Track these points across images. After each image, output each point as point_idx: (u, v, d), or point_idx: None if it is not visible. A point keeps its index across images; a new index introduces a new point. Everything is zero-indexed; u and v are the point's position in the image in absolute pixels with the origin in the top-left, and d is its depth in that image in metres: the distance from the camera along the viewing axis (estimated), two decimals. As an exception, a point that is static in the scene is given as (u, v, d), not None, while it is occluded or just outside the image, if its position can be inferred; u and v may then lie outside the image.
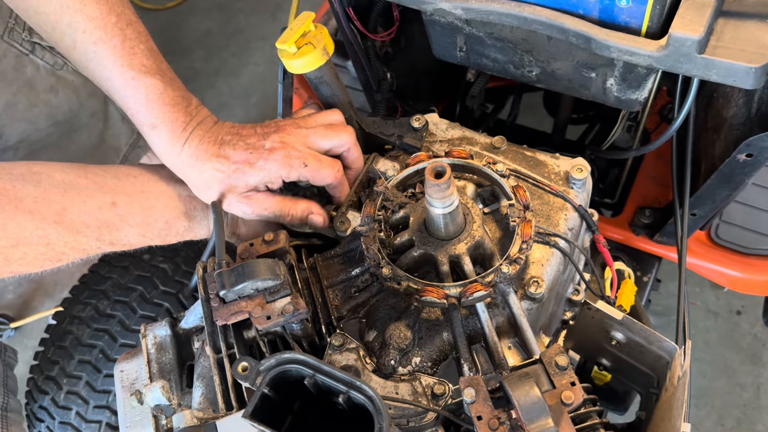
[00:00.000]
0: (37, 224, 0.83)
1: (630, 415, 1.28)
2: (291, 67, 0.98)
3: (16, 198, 0.83)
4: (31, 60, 1.28)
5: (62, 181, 0.88)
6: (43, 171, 0.87)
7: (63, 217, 0.85)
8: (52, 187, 0.86)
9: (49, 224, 0.84)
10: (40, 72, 1.29)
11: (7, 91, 1.25)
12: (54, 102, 1.33)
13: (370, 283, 0.93)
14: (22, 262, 0.84)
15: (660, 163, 1.54)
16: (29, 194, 0.84)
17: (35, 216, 0.83)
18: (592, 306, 1.04)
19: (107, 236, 0.90)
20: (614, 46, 0.85)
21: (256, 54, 2.79)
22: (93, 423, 1.44)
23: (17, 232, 0.82)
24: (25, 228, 0.83)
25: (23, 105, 1.28)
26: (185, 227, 0.98)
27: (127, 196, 0.92)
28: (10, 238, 0.82)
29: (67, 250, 0.87)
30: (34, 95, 1.29)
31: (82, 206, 0.88)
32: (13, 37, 1.24)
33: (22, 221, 0.82)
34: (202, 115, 0.96)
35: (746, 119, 1.11)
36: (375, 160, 1.05)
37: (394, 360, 0.86)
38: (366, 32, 1.19)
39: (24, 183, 0.84)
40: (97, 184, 0.90)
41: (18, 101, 1.27)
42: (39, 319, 2.28)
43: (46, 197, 0.85)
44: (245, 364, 0.71)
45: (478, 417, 0.72)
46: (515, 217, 0.88)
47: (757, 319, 2.04)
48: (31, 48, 1.28)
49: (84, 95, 1.37)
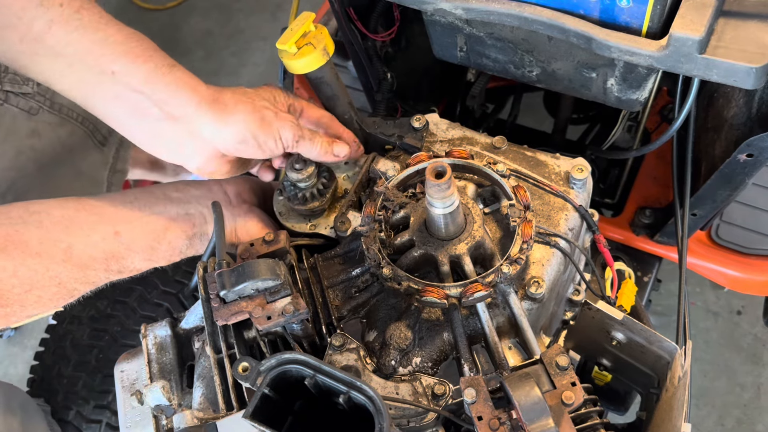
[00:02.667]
0: (47, 266, 0.83)
1: (630, 416, 1.28)
2: (291, 67, 0.98)
3: (22, 242, 0.82)
4: (6, 109, 1.27)
5: (62, 216, 0.87)
6: (42, 210, 0.87)
7: (70, 254, 0.85)
8: (54, 225, 0.86)
9: (58, 264, 0.84)
10: (17, 120, 1.28)
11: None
12: (38, 146, 1.32)
13: (371, 283, 0.93)
14: (38, 305, 0.84)
15: (660, 163, 1.54)
16: (33, 236, 0.83)
17: (44, 258, 0.83)
18: (593, 306, 1.04)
19: (114, 266, 0.90)
20: (615, 46, 0.85)
21: (256, 54, 2.79)
22: (93, 423, 1.44)
23: (29, 277, 0.82)
24: (36, 272, 0.83)
25: (11, 154, 1.27)
26: (187, 245, 0.98)
27: (129, 223, 0.92)
28: (24, 284, 0.82)
29: (78, 286, 0.87)
30: (19, 141, 1.28)
31: (86, 240, 0.87)
32: None
33: (32, 265, 0.82)
34: None
35: (747, 119, 1.11)
36: (375, 160, 1.05)
37: (395, 360, 0.86)
38: (366, 32, 1.19)
39: (26, 226, 0.84)
40: (97, 216, 0.90)
41: (5, 150, 1.26)
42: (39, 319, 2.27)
43: (51, 237, 0.85)
44: (246, 364, 0.71)
45: (479, 417, 0.72)
46: (516, 217, 0.88)
47: (757, 319, 2.04)
48: (5, 97, 1.26)
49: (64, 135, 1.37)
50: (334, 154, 0.99)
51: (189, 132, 0.89)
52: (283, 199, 1.04)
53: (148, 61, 0.86)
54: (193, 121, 0.88)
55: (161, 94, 0.86)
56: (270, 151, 0.93)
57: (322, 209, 1.02)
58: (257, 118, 0.90)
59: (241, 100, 0.90)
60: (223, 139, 0.90)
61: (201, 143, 0.90)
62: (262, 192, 1.13)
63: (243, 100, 0.90)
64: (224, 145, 0.91)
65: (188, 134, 0.89)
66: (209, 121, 0.88)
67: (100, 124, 1.45)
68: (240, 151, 0.92)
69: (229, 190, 1.07)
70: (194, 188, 1.03)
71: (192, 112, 0.87)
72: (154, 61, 0.86)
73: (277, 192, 1.06)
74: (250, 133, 0.90)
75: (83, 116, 1.41)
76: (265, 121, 0.91)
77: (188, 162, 0.93)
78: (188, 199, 1.01)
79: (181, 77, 0.87)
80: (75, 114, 1.39)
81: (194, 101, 0.87)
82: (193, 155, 0.91)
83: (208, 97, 0.88)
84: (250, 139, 0.91)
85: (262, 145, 0.92)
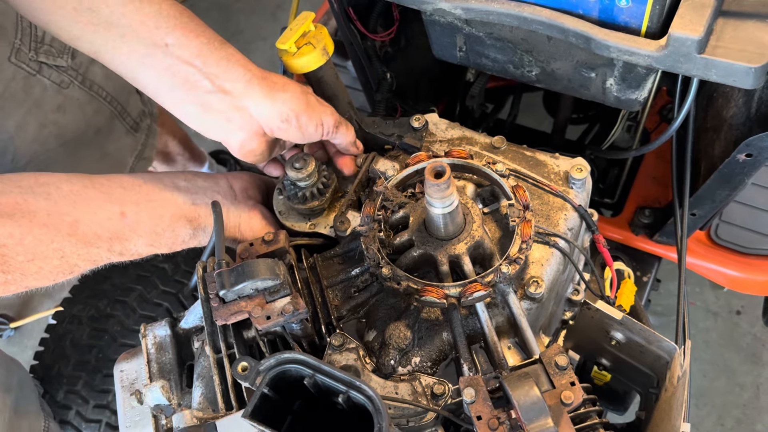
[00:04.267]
0: (53, 237, 0.83)
1: (630, 415, 1.28)
2: (291, 67, 0.98)
3: (30, 212, 0.82)
4: (38, 80, 1.27)
5: (71, 191, 0.87)
6: (51, 182, 0.87)
7: (76, 229, 0.85)
8: (62, 199, 0.86)
9: (64, 237, 0.84)
10: (47, 92, 1.29)
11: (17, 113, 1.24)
12: (62, 122, 1.32)
13: (370, 283, 0.93)
14: (38, 276, 0.84)
15: (660, 163, 1.54)
16: (41, 207, 0.84)
17: (50, 229, 0.83)
18: (592, 306, 1.04)
19: (117, 247, 0.90)
20: (614, 46, 0.85)
21: (256, 54, 2.79)
22: (93, 422, 1.44)
23: (34, 246, 0.82)
24: (41, 242, 0.82)
25: (33, 126, 1.27)
26: (190, 235, 0.98)
27: (135, 205, 0.92)
28: (28, 253, 0.82)
29: (79, 262, 0.87)
30: (43, 115, 1.28)
31: (93, 217, 0.87)
32: (20, 58, 1.23)
33: (38, 235, 0.82)
34: None
35: (746, 119, 1.11)
36: (375, 160, 1.05)
37: (394, 360, 0.86)
38: (366, 32, 1.19)
39: (35, 196, 0.84)
40: (105, 194, 0.90)
41: (28, 122, 1.26)
42: (39, 319, 2.28)
43: (58, 210, 0.85)
44: (245, 364, 0.71)
45: (478, 417, 0.72)
46: (515, 217, 0.88)
47: (756, 319, 2.04)
48: (38, 68, 1.27)
49: (90, 113, 1.37)
50: (358, 147, 1.05)
51: (237, 107, 0.91)
52: (283, 198, 1.04)
53: (200, 36, 0.90)
54: (242, 96, 0.91)
55: (213, 68, 0.89)
56: (309, 135, 0.96)
57: (321, 208, 1.02)
58: (303, 100, 0.93)
59: (289, 82, 0.94)
60: (268, 116, 0.92)
61: (247, 119, 0.92)
62: (266, 189, 1.13)
63: (291, 83, 0.94)
64: (268, 122, 0.93)
65: (236, 109, 0.91)
66: (259, 97, 0.91)
67: (129, 106, 1.47)
68: (282, 131, 0.95)
69: (235, 184, 1.07)
70: (202, 179, 1.04)
71: (242, 87, 0.90)
72: (206, 36, 0.90)
73: (277, 191, 1.05)
74: (294, 114, 0.93)
75: (113, 96, 1.41)
76: (310, 105, 0.94)
77: (231, 137, 0.94)
78: (195, 190, 1.01)
79: (233, 54, 0.92)
80: (105, 93, 1.39)
81: (246, 77, 0.90)
82: (237, 130, 0.93)
83: (259, 74, 0.92)
84: (293, 119, 0.93)
85: (303, 128, 0.95)
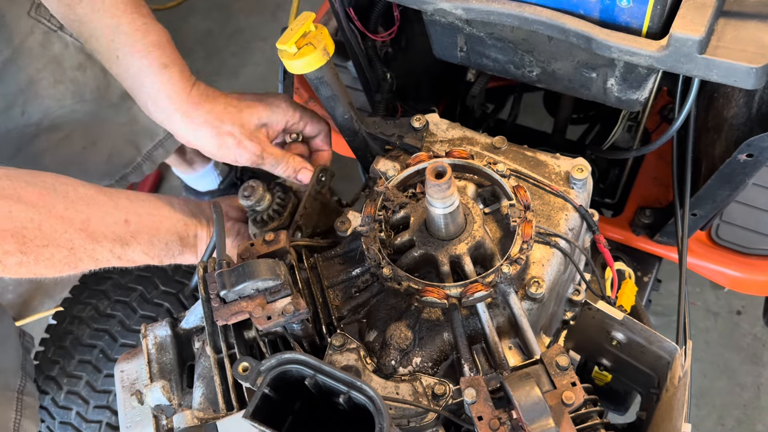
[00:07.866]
0: (66, 228, 0.90)
1: (630, 416, 1.28)
2: (291, 67, 0.98)
3: (50, 204, 0.90)
4: (59, 36, 1.28)
5: (85, 194, 0.95)
6: (69, 183, 0.95)
7: (87, 225, 0.93)
8: (79, 199, 0.94)
9: (75, 230, 0.91)
10: (68, 49, 1.29)
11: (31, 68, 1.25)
12: (81, 80, 1.33)
13: (371, 283, 0.93)
14: (47, 264, 0.89)
15: (660, 163, 1.54)
16: (60, 202, 0.92)
17: (65, 221, 0.91)
18: (593, 306, 1.04)
19: (118, 250, 0.97)
20: (615, 47, 0.84)
21: (256, 54, 2.79)
22: (93, 423, 1.44)
23: (50, 233, 0.89)
24: (56, 230, 0.89)
25: (47, 82, 1.28)
26: (179, 252, 1.06)
27: (138, 216, 1.00)
28: (44, 239, 0.88)
29: (84, 257, 0.93)
30: (61, 72, 1.29)
31: (102, 219, 0.95)
32: (41, 13, 1.24)
33: (54, 224, 0.89)
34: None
35: (747, 119, 1.11)
36: (375, 160, 1.05)
37: (395, 360, 0.86)
38: (366, 32, 1.19)
39: (56, 193, 0.92)
40: (113, 202, 0.98)
41: (42, 77, 1.27)
42: (39, 319, 2.27)
43: (74, 207, 0.93)
44: (246, 364, 0.71)
45: (479, 417, 0.72)
46: (516, 217, 0.88)
47: (757, 319, 2.04)
48: (60, 25, 1.27)
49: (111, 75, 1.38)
50: (297, 179, 1.11)
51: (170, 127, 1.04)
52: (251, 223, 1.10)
53: (143, 58, 1.00)
54: (169, 123, 1.04)
55: (149, 89, 1.01)
56: (235, 163, 1.07)
57: (283, 227, 1.05)
58: (216, 143, 1.04)
59: (208, 120, 1.03)
60: (194, 146, 1.05)
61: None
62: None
63: (210, 122, 1.03)
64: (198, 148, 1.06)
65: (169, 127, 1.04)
66: (180, 130, 1.04)
67: None
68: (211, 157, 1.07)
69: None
70: (194, 204, 1.14)
71: (167, 117, 1.03)
72: (149, 58, 1.00)
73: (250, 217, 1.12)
74: (209, 152, 1.06)
75: None
76: (223, 147, 1.04)
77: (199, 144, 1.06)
78: (186, 212, 1.09)
79: (168, 80, 1.01)
80: None
81: (170, 109, 1.01)
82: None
83: (182, 108, 1.01)
84: (212, 155, 1.06)
85: (224, 159, 1.06)
